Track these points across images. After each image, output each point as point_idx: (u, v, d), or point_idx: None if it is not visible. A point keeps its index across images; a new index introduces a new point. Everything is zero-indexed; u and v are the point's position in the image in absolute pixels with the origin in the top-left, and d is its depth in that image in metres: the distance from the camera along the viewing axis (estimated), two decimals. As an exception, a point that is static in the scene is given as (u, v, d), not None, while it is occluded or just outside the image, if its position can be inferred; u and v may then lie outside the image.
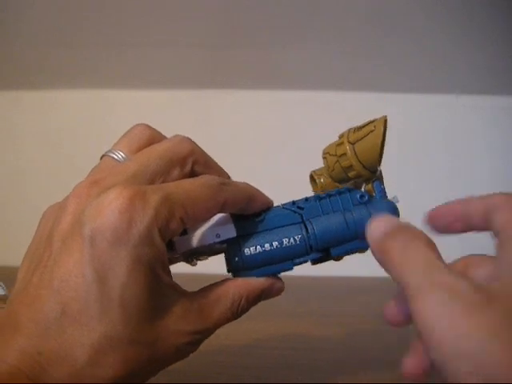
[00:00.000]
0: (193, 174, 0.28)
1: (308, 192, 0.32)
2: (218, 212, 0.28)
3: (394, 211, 0.29)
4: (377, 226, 0.25)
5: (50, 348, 0.22)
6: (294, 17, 0.62)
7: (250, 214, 0.29)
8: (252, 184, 0.32)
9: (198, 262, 0.30)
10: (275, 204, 0.30)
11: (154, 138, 0.29)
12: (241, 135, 0.67)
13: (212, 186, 0.26)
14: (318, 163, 0.32)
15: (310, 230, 0.29)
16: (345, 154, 0.29)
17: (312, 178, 0.33)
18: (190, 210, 0.25)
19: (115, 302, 0.23)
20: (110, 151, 0.28)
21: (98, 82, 0.70)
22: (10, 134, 0.73)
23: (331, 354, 0.45)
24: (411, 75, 0.64)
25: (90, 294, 0.23)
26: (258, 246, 0.28)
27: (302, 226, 0.29)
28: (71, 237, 0.24)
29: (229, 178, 0.31)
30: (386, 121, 0.29)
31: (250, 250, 0.28)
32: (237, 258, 0.28)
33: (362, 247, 0.29)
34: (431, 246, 0.22)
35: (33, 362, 0.22)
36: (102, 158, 0.29)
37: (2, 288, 0.35)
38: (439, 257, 0.21)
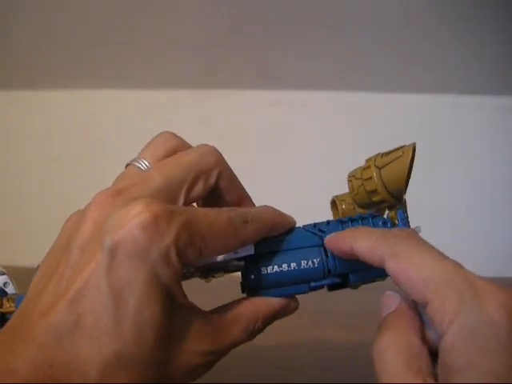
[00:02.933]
0: (216, 187, 0.28)
1: (306, 193, 0.32)
2: (238, 248, 0.27)
3: None
4: (386, 304, 0.25)
5: (61, 361, 0.22)
6: (294, 17, 0.62)
7: None
8: (252, 184, 0.32)
9: (213, 279, 0.30)
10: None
11: (180, 146, 0.29)
12: (241, 135, 0.67)
13: (236, 223, 0.26)
14: (318, 163, 0.32)
15: (329, 254, 0.28)
16: (370, 178, 0.29)
17: (334, 204, 0.32)
18: (210, 243, 0.25)
19: (129, 319, 0.22)
20: (134, 160, 0.28)
21: (98, 82, 0.70)
22: (9, 134, 0.73)
23: (331, 353, 0.45)
24: (411, 75, 0.64)
25: (105, 308, 0.22)
26: (276, 266, 0.28)
27: (322, 248, 0.28)
28: (91, 246, 0.23)
29: (248, 197, 0.30)
30: (414, 148, 0.28)
31: (267, 269, 0.28)
32: (253, 276, 0.28)
33: (382, 276, 0.28)
34: (417, 332, 0.23)
35: (44, 374, 0.21)
36: (126, 166, 0.28)
37: (13, 286, 0.33)
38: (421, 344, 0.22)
